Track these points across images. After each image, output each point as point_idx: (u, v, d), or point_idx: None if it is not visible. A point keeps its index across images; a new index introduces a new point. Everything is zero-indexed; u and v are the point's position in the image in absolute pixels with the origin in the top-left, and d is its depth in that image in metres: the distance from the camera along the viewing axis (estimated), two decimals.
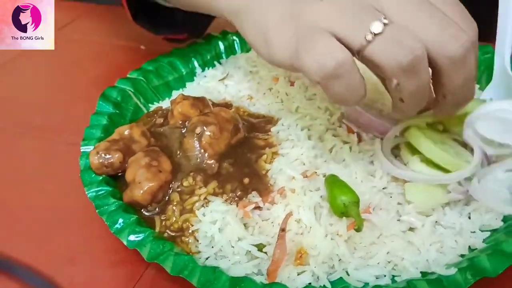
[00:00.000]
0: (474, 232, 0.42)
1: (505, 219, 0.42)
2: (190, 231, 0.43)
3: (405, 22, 0.36)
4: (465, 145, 0.47)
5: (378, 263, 0.40)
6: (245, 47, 0.68)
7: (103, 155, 0.47)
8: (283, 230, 0.41)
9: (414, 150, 0.47)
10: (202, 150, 0.47)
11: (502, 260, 0.36)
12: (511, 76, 0.52)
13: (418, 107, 0.40)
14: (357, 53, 0.36)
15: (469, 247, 0.41)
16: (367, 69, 0.39)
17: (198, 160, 0.47)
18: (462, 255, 0.40)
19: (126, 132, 0.49)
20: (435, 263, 0.39)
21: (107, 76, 0.61)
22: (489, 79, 0.55)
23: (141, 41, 0.81)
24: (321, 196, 0.43)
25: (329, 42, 0.36)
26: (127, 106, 0.59)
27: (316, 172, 0.46)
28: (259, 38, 0.42)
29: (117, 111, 0.57)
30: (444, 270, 0.37)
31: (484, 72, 0.57)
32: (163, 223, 0.44)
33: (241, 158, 0.48)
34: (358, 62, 0.37)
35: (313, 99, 0.55)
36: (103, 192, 0.46)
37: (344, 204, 0.40)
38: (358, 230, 0.38)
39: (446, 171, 0.44)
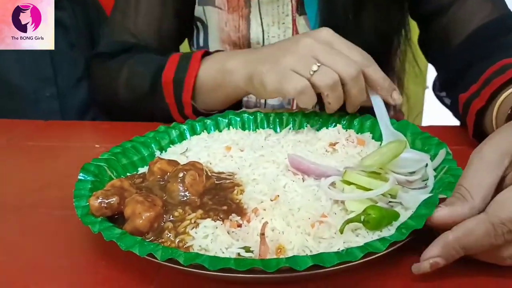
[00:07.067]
0: None
1: None
2: (185, 247, 0.53)
3: (328, 64, 0.71)
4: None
5: (339, 249, 0.52)
6: (194, 133, 0.83)
7: (102, 198, 0.56)
8: (262, 234, 0.53)
9: (348, 184, 0.62)
10: (185, 189, 0.58)
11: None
12: (396, 132, 0.74)
13: (338, 106, 0.75)
14: (308, 81, 0.71)
15: None
16: None
17: (182, 198, 0.58)
18: None
19: (117, 183, 0.59)
20: None
21: (73, 165, 0.69)
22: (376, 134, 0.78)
23: (94, 140, 0.92)
24: (290, 209, 0.56)
25: (296, 76, 0.72)
26: (103, 178, 0.68)
27: (278, 196, 0.59)
28: (258, 85, 0.76)
29: (97, 179, 0.66)
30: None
31: (371, 126, 0.79)
32: (162, 245, 0.53)
33: (217, 195, 0.60)
34: None
35: (262, 157, 0.70)
36: (107, 225, 0.54)
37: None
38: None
39: None
